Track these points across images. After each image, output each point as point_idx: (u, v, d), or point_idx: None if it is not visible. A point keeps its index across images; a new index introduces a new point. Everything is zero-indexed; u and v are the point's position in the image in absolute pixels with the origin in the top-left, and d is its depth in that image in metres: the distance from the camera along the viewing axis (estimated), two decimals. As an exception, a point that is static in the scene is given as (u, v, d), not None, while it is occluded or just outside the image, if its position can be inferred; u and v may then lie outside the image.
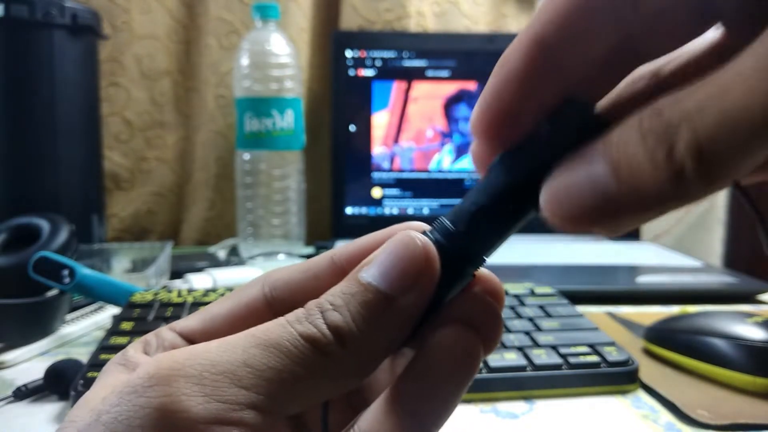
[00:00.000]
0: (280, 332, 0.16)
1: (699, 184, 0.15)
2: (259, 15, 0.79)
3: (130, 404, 0.15)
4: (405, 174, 0.90)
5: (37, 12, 0.68)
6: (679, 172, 0.14)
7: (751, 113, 0.14)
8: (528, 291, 0.56)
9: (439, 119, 0.89)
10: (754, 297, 0.65)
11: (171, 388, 0.15)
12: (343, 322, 0.17)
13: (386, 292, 0.17)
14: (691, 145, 0.14)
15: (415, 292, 0.17)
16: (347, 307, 0.17)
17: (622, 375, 0.43)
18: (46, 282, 0.51)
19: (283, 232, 0.82)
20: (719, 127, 0.14)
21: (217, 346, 0.16)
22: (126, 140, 0.92)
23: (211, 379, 0.16)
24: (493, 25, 1.00)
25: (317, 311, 0.17)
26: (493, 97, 0.18)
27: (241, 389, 0.16)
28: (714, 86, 0.14)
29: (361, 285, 0.17)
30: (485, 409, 0.40)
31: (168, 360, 0.16)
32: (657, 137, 0.15)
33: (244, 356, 0.16)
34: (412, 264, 0.17)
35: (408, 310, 0.17)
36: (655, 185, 0.15)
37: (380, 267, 0.17)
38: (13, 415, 0.40)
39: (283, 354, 0.16)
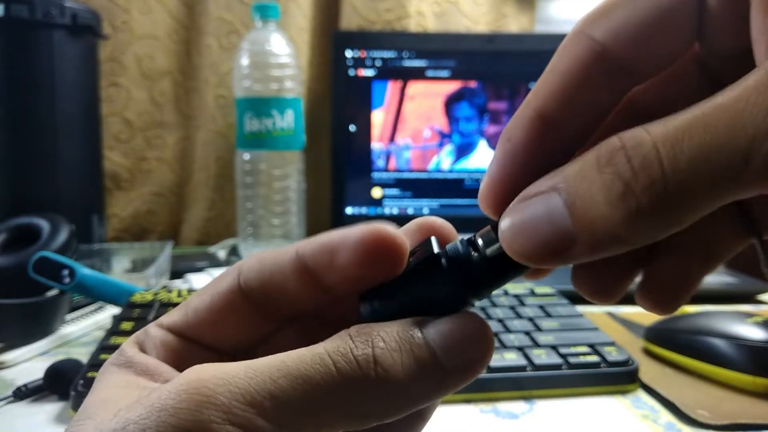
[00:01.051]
0: (313, 362, 0.16)
1: (656, 225, 0.14)
2: (259, 15, 0.79)
3: (159, 420, 0.15)
4: (405, 174, 0.90)
5: (37, 12, 0.68)
6: (633, 211, 0.14)
7: (732, 150, 0.13)
8: (528, 291, 0.56)
9: (437, 119, 0.89)
10: (754, 297, 0.65)
11: (202, 415, 0.15)
12: (393, 365, 0.16)
13: (443, 362, 0.17)
14: (654, 180, 0.14)
15: (467, 375, 0.17)
16: (401, 353, 0.16)
17: (622, 375, 0.43)
18: (46, 282, 0.51)
19: (283, 232, 0.82)
20: (694, 161, 0.13)
21: (245, 371, 0.16)
22: (126, 140, 0.92)
23: (239, 409, 0.16)
24: (493, 25, 1.00)
25: (367, 346, 0.16)
26: (498, 172, 0.18)
27: (266, 423, 0.16)
28: (693, 116, 0.14)
29: (421, 340, 0.17)
30: (485, 409, 0.40)
31: (198, 382, 0.16)
32: (614, 171, 0.14)
33: (272, 387, 0.16)
34: (477, 349, 0.17)
35: (453, 386, 0.17)
36: (608, 224, 0.14)
37: (446, 336, 0.17)
38: (13, 415, 0.40)
39: (312, 387, 0.16)
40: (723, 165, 0.13)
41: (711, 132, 0.13)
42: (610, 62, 0.17)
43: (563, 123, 0.18)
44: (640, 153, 0.14)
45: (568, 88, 0.17)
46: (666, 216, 0.14)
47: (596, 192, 0.14)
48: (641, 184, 0.14)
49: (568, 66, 0.17)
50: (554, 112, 0.17)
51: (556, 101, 0.17)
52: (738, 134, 0.13)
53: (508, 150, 0.18)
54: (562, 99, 0.17)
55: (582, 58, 0.17)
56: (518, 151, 0.18)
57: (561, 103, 0.17)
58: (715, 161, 0.13)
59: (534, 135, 0.18)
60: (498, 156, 0.18)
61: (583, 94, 0.17)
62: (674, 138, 0.14)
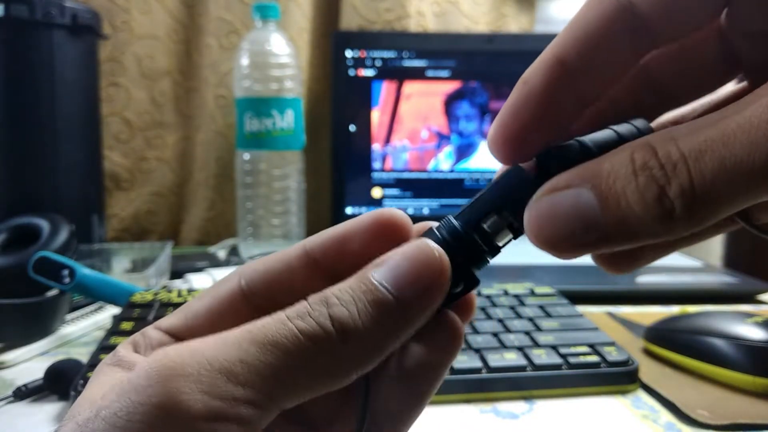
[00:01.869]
0: (277, 328, 0.16)
1: (686, 225, 0.15)
2: (259, 15, 0.79)
3: (129, 401, 0.15)
4: (405, 174, 0.90)
5: (37, 12, 0.68)
6: (668, 213, 0.15)
7: (750, 166, 0.14)
8: (528, 291, 0.56)
9: (435, 119, 0.89)
10: (754, 297, 0.65)
11: (170, 386, 0.15)
12: (350, 318, 0.16)
13: (397, 295, 0.17)
14: (685, 188, 0.15)
15: (424, 301, 0.17)
16: (355, 303, 0.17)
17: (622, 375, 0.43)
18: (46, 282, 0.51)
19: (283, 232, 0.82)
20: (716, 174, 0.15)
21: (213, 343, 0.16)
22: (126, 140, 0.92)
23: (208, 376, 0.16)
24: (493, 25, 1.00)
25: (322, 306, 0.17)
26: (511, 116, 0.18)
27: (237, 386, 0.16)
28: (717, 131, 0.15)
29: (372, 284, 0.17)
30: (485, 409, 0.40)
31: (166, 358, 0.16)
32: (649, 176, 0.15)
33: (240, 353, 0.16)
34: (427, 274, 0.17)
35: (415, 317, 0.17)
36: (641, 222, 0.15)
37: (394, 270, 0.17)
38: (13, 415, 0.40)
39: (280, 351, 0.16)
40: (742, 178, 0.14)
41: (730, 148, 0.14)
42: (635, 19, 0.17)
43: (581, 72, 0.18)
44: (671, 162, 0.15)
45: (590, 39, 0.17)
46: (694, 218, 0.15)
47: (630, 192, 0.15)
48: (674, 190, 0.15)
49: (594, 17, 0.17)
50: (574, 60, 0.18)
51: (576, 49, 0.18)
52: (754, 151, 0.14)
53: (524, 93, 0.18)
54: (582, 48, 0.18)
55: (608, 10, 0.17)
56: (534, 94, 0.18)
57: (581, 52, 0.18)
58: (735, 174, 0.14)
59: (552, 80, 0.18)
60: (512, 99, 0.18)
61: (604, 47, 0.18)
62: (699, 151, 0.15)
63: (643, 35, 0.18)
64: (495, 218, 0.18)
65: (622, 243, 0.16)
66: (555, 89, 0.18)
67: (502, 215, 0.18)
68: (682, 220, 0.15)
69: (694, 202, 0.15)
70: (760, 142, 0.14)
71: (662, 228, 0.15)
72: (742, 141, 0.14)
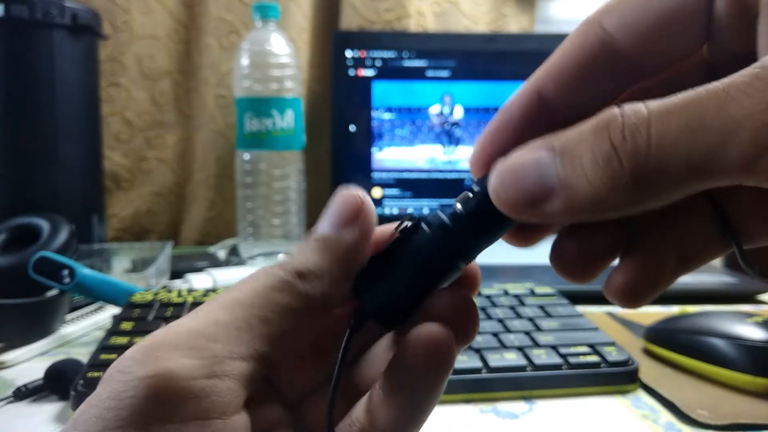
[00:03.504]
0: (240, 289, 0.18)
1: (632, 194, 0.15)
2: (259, 15, 0.79)
3: (118, 383, 0.16)
4: (405, 174, 0.90)
5: (37, 12, 0.68)
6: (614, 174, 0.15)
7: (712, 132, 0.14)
8: (528, 291, 0.56)
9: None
10: (754, 297, 0.65)
11: (152, 358, 0.16)
12: (300, 263, 0.19)
13: (332, 234, 0.19)
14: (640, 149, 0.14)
15: (355, 227, 0.19)
16: (302, 253, 0.19)
17: (622, 375, 0.43)
18: (46, 282, 0.51)
19: (283, 232, 0.82)
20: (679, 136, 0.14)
21: (188, 316, 0.18)
22: (126, 140, 0.92)
23: (187, 342, 0.17)
24: (493, 25, 1.00)
25: (276, 266, 0.19)
26: (489, 141, 0.19)
27: (216, 344, 0.17)
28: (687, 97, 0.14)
29: (313, 237, 0.20)
30: (485, 409, 0.40)
31: (145, 341, 0.17)
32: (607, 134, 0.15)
33: (212, 316, 0.17)
34: (349, 207, 0.19)
35: (352, 243, 0.19)
36: (587, 186, 0.15)
37: (326, 219, 0.20)
38: (13, 415, 0.40)
39: (247, 305, 0.18)
40: (702, 144, 0.14)
41: (700, 113, 0.14)
42: (617, 54, 0.18)
43: (559, 104, 0.18)
44: (633, 121, 0.15)
45: (569, 72, 0.18)
46: (642, 187, 0.15)
47: (585, 152, 0.15)
48: (628, 149, 0.14)
49: (574, 51, 0.18)
50: (552, 92, 0.18)
51: (555, 82, 0.18)
52: (722, 119, 0.14)
53: (502, 120, 0.19)
54: (561, 81, 0.18)
55: (589, 45, 0.18)
56: (511, 123, 0.18)
57: (560, 85, 0.18)
58: (697, 140, 0.14)
59: (529, 111, 0.18)
60: (492, 124, 0.19)
61: (584, 81, 0.18)
62: (667, 113, 0.14)
63: (626, 70, 0.18)
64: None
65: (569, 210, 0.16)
66: (532, 118, 0.18)
67: None
68: (628, 186, 0.15)
69: (646, 166, 0.14)
70: (730, 110, 0.14)
71: (604, 193, 0.15)
72: (713, 106, 0.14)
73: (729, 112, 0.14)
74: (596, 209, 0.15)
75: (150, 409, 0.16)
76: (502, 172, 0.17)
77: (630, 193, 0.15)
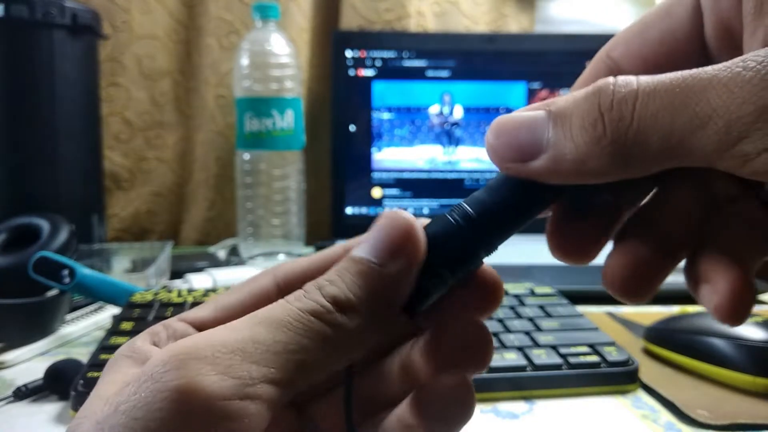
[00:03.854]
0: (281, 310, 0.17)
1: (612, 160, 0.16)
2: (259, 15, 0.79)
3: (148, 391, 0.16)
4: (405, 174, 0.90)
5: (37, 12, 0.68)
6: (597, 137, 0.16)
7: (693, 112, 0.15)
8: (528, 291, 0.56)
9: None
10: (754, 297, 0.65)
11: (187, 370, 0.16)
12: (340, 291, 0.18)
13: (376, 261, 0.18)
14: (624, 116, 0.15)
15: (402, 259, 0.18)
16: (342, 279, 0.18)
17: (622, 375, 0.43)
18: (46, 282, 0.51)
19: (283, 232, 0.82)
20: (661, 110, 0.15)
21: (224, 329, 0.17)
22: (126, 140, 0.92)
23: (223, 358, 0.16)
24: (493, 25, 1.00)
25: (315, 288, 0.18)
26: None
27: (252, 365, 0.16)
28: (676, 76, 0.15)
29: (353, 260, 0.18)
30: (485, 409, 0.40)
31: (179, 346, 0.16)
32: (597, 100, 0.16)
33: (251, 334, 0.17)
34: (398, 234, 0.18)
35: (398, 276, 0.18)
36: (572, 147, 0.16)
37: (370, 242, 0.19)
38: (13, 415, 0.40)
39: (287, 328, 0.17)
40: (680, 125, 0.15)
41: (684, 95, 0.15)
42: None
43: None
44: (623, 92, 0.16)
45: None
46: (621, 155, 0.16)
47: (576, 115, 0.16)
48: (613, 117, 0.15)
49: (587, 80, 0.20)
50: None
51: None
52: (701, 106, 0.15)
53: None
54: None
55: (600, 74, 0.20)
56: None
57: None
58: (676, 120, 0.15)
59: None
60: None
61: None
62: (655, 89, 0.15)
63: None
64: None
65: (553, 170, 0.17)
66: None
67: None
68: (610, 152, 0.15)
69: (628, 133, 0.15)
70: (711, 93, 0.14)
71: (587, 155, 0.16)
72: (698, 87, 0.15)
73: (709, 101, 0.15)
74: (578, 172, 0.16)
75: (178, 425, 0.15)
76: (499, 124, 0.18)
77: (610, 159, 0.16)
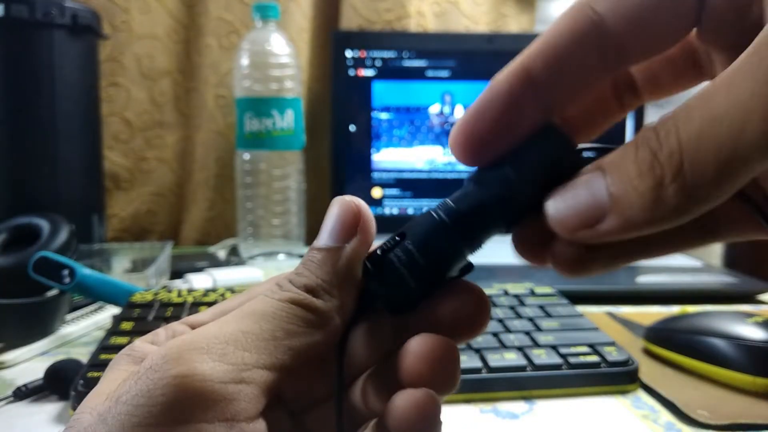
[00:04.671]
0: (264, 303, 0.19)
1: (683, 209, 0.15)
2: (259, 15, 0.79)
3: (148, 380, 0.17)
4: (405, 174, 0.90)
5: (37, 12, 0.68)
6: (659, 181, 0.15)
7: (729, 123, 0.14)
8: (528, 291, 0.56)
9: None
10: (754, 297, 0.65)
11: (184, 359, 0.17)
12: (309, 280, 0.19)
13: (334, 246, 0.20)
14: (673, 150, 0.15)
15: (357, 238, 0.20)
16: (309, 269, 0.20)
17: (622, 375, 0.43)
18: (46, 282, 0.51)
19: (283, 232, 0.82)
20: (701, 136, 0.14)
21: (215, 323, 0.19)
22: (126, 140, 0.92)
23: (218, 347, 0.18)
24: (493, 25, 1.00)
25: (287, 281, 0.20)
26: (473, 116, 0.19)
27: (244, 352, 0.18)
28: (700, 95, 0.15)
29: (315, 249, 0.20)
30: (485, 409, 0.40)
31: (176, 341, 0.18)
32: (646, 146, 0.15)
33: (240, 326, 0.18)
34: (348, 216, 0.20)
35: (356, 253, 0.20)
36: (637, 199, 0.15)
37: (325, 231, 0.20)
38: (13, 415, 0.40)
39: (271, 317, 0.19)
40: (726, 133, 0.14)
41: (716, 105, 0.14)
42: (606, 35, 0.18)
43: (546, 83, 0.18)
44: (665, 128, 0.15)
45: (557, 51, 0.18)
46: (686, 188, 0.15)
47: (631, 164, 0.16)
48: (665, 153, 0.15)
49: (564, 30, 0.18)
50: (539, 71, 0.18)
51: (542, 60, 0.18)
52: (734, 107, 0.14)
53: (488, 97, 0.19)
54: (549, 60, 0.18)
55: (579, 25, 0.18)
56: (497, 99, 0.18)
57: (547, 64, 0.18)
58: (720, 130, 0.14)
59: (516, 87, 0.18)
60: (478, 101, 0.19)
61: (572, 60, 0.18)
62: (689, 111, 0.15)
63: (613, 51, 0.18)
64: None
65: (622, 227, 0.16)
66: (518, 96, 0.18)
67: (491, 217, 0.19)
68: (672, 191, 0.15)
69: (683, 168, 0.15)
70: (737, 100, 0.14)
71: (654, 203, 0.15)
72: (722, 101, 0.14)
73: (739, 98, 0.14)
74: (649, 220, 0.16)
75: (181, 409, 0.16)
76: (557, 197, 0.17)
77: (677, 197, 0.15)
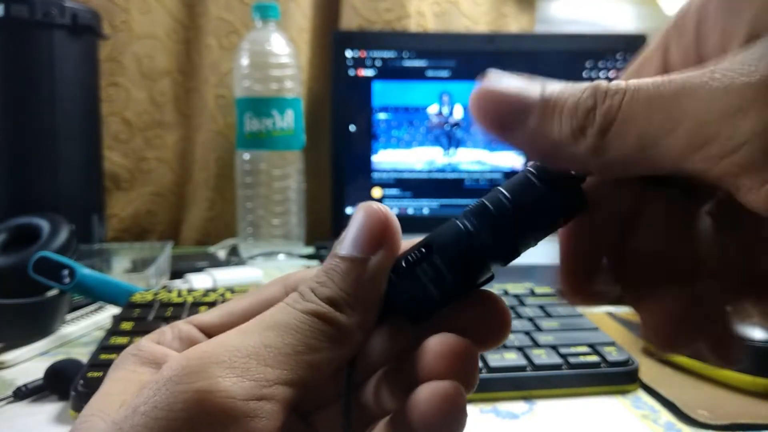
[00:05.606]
0: (285, 314, 0.18)
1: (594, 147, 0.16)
2: (259, 15, 0.79)
3: (168, 392, 0.16)
4: (405, 174, 0.90)
5: (37, 12, 0.68)
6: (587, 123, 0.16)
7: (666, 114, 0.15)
8: (528, 291, 0.56)
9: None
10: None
11: (206, 373, 0.16)
12: (332, 292, 0.19)
13: (360, 255, 0.19)
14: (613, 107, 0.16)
15: (383, 250, 0.19)
16: (332, 279, 0.19)
17: (622, 375, 0.43)
18: (46, 282, 0.51)
19: (283, 232, 0.82)
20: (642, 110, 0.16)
21: (236, 334, 0.18)
22: (126, 140, 0.91)
23: (240, 362, 0.17)
24: (493, 25, 1.00)
25: (309, 291, 0.19)
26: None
27: (267, 367, 0.17)
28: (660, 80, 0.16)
29: (337, 258, 0.19)
30: (485, 409, 0.40)
31: (197, 352, 0.17)
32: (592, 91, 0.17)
33: (262, 339, 0.18)
34: (377, 226, 0.19)
35: (382, 266, 0.19)
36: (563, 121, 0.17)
37: (350, 238, 0.19)
38: (13, 415, 0.40)
39: (294, 330, 0.18)
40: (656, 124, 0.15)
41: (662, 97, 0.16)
42: None
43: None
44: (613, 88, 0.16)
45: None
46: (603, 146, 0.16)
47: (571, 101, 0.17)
48: (605, 106, 0.16)
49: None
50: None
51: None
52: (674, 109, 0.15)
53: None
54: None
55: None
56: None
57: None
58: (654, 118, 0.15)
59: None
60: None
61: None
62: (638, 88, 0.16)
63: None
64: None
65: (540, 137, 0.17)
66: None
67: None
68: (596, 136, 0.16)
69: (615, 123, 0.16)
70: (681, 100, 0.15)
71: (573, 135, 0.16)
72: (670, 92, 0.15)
73: (682, 105, 0.15)
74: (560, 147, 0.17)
75: (201, 424, 0.16)
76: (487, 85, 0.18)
77: (592, 145, 0.16)
